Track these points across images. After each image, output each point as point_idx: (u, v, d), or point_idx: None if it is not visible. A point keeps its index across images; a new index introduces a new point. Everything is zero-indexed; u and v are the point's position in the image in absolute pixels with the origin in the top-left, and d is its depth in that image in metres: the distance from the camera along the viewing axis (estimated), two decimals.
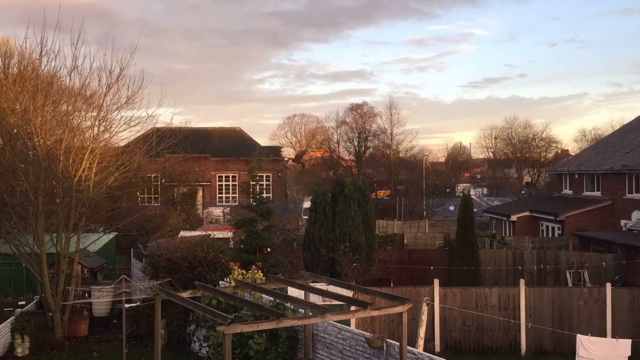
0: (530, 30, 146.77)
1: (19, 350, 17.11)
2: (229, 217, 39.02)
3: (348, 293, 14.57)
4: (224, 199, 49.91)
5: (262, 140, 75.11)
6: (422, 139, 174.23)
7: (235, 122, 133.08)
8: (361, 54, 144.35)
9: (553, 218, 33.89)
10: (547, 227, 35.20)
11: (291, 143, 77.32)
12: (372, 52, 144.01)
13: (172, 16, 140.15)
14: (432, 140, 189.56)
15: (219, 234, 26.13)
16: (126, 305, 15.39)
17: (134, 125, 19.47)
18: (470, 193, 47.57)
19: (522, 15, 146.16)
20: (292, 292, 15.10)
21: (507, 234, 36.20)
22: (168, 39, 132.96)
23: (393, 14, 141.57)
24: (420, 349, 13.59)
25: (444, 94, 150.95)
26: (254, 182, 21.88)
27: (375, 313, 12.00)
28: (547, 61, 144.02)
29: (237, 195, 49.07)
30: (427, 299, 15.63)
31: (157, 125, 21.37)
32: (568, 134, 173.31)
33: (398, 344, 11.52)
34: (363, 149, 62.53)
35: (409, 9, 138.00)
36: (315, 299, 13.97)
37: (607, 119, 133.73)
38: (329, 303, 14.10)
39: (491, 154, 72.14)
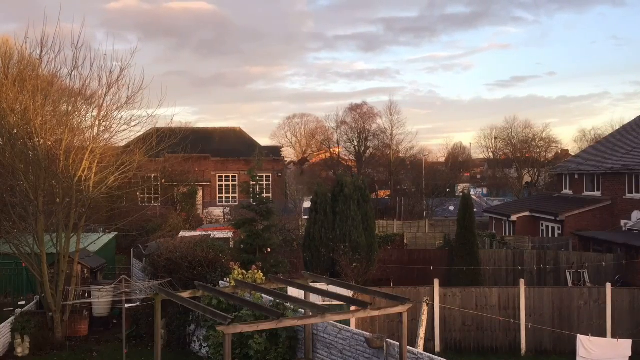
0: (570, 27, 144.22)
1: (19, 350, 17.11)
2: (229, 217, 39.02)
3: (348, 293, 14.57)
4: (224, 199, 49.90)
5: (263, 140, 75.41)
6: (433, 138, 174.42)
7: (249, 121, 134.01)
8: (390, 52, 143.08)
9: (553, 218, 33.89)
10: (547, 227, 35.20)
11: (291, 143, 77.31)
12: (401, 51, 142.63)
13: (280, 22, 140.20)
14: (440, 140, 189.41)
15: (219, 234, 26.14)
16: (126, 305, 15.39)
17: (134, 125, 19.49)
18: (470, 193, 47.51)
19: (562, 12, 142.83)
20: (292, 292, 15.10)
21: (507, 234, 36.20)
22: (268, 44, 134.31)
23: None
24: (420, 349, 13.59)
25: (466, 93, 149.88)
26: (254, 182, 21.88)
27: (375, 313, 12.00)
28: (581, 59, 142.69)
29: (237, 195, 49.07)
30: (427, 299, 15.62)
31: (160, 126, 21.39)
32: (568, 134, 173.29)
33: (398, 344, 11.52)
34: (363, 149, 62.56)
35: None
36: (315, 299, 13.97)
37: (607, 119, 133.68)
38: (329, 303, 14.11)
39: (491, 154, 72.11)
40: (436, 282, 17.93)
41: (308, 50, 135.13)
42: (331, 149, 66.46)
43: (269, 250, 20.46)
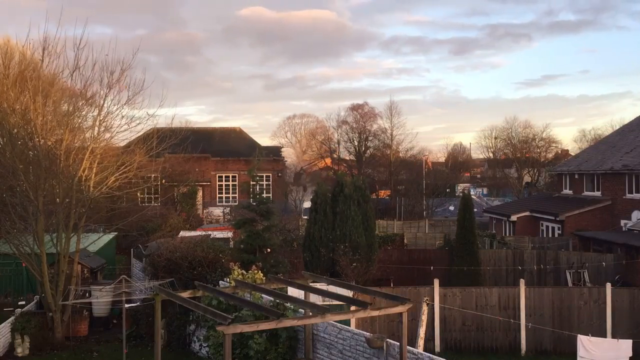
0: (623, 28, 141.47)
1: (19, 350, 17.12)
2: (229, 217, 39.01)
3: (348, 293, 14.57)
4: (224, 199, 49.90)
5: (263, 140, 75.47)
6: (442, 138, 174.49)
7: (265, 120, 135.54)
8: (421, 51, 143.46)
9: (553, 218, 33.89)
10: (547, 227, 35.20)
11: (291, 143, 77.28)
12: (433, 50, 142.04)
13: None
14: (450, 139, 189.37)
15: (219, 234, 26.14)
16: (126, 305, 15.39)
17: (135, 126, 19.51)
18: (470, 193, 47.50)
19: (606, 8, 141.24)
20: (292, 292, 15.10)
21: (507, 234, 36.19)
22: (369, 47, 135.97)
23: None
24: (420, 349, 13.59)
25: (487, 91, 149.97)
26: (254, 182, 21.88)
27: (375, 313, 12.00)
28: (618, 57, 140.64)
29: (237, 195, 49.08)
30: (427, 299, 15.62)
31: (159, 125, 21.40)
32: (568, 134, 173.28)
33: (398, 344, 11.52)
34: (363, 149, 62.53)
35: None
36: (315, 299, 13.97)
37: (607, 119, 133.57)
38: (329, 303, 14.10)
39: (491, 154, 72.10)
40: (436, 282, 17.93)
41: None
42: (331, 149, 66.40)
43: (269, 250, 20.46)
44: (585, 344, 14.44)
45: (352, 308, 12.61)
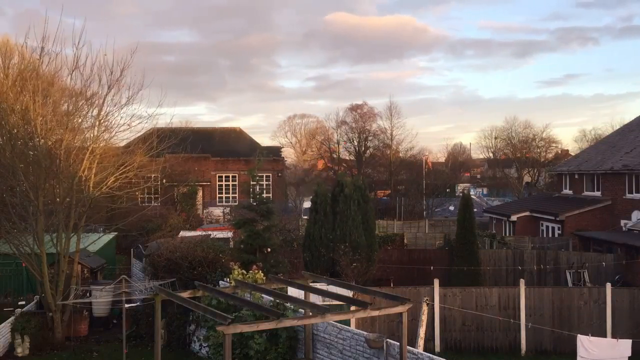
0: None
1: (19, 350, 17.12)
2: (229, 217, 39.00)
3: (348, 293, 14.58)
4: (224, 199, 49.90)
5: (263, 140, 75.62)
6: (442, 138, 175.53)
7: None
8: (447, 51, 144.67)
9: (553, 218, 33.88)
10: (547, 227, 35.19)
11: (291, 143, 77.30)
12: (495, 52, 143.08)
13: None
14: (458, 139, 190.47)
15: (219, 234, 26.12)
16: (126, 305, 15.38)
17: (135, 126, 19.49)
18: (470, 193, 47.49)
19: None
20: (292, 292, 15.10)
21: (507, 234, 36.18)
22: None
23: None
24: (420, 349, 13.59)
25: (506, 91, 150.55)
26: (254, 182, 21.88)
27: (375, 313, 12.00)
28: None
29: (237, 195, 49.07)
30: (427, 299, 15.62)
31: (159, 125, 21.40)
32: (568, 134, 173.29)
33: (398, 344, 11.52)
34: (363, 149, 62.52)
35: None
36: (315, 299, 13.97)
37: (607, 119, 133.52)
38: (329, 303, 14.10)
39: (491, 154, 72.12)
40: (436, 282, 17.92)
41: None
42: (331, 149, 66.38)
43: (269, 250, 20.45)
44: (585, 344, 14.44)
45: (352, 308, 12.62)
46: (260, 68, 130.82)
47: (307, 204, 36.94)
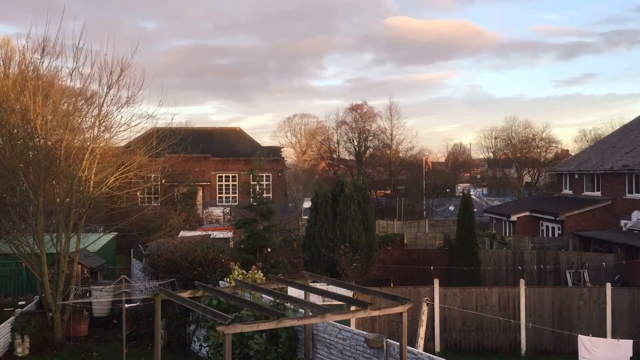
0: None
1: (19, 350, 17.12)
2: (229, 217, 39.01)
3: (348, 293, 14.57)
4: (224, 199, 49.89)
5: (263, 140, 75.71)
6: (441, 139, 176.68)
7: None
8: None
9: (553, 218, 33.88)
10: (547, 227, 35.19)
11: (291, 143, 77.34)
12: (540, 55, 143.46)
13: None
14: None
15: (219, 234, 26.12)
16: (126, 305, 15.38)
17: (135, 126, 19.49)
18: (470, 193, 47.50)
19: None
20: (292, 292, 15.10)
21: (507, 234, 36.18)
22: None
23: None
24: (420, 349, 13.59)
25: (512, 90, 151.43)
26: (254, 182, 21.87)
27: (375, 313, 12.00)
28: None
29: (237, 195, 49.06)
30: (427, 299, 15.62)
31: (159, 125, 21.39)
32: (568, 134, 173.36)
33: (398, 344, 11.52)
34: (363, 149, 62.52)
35: None
36: (315, 299, 13.97)
37: (607, 119, 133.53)
38: (329, 303, 14.10)
39: (491, 154, 72.13)
40: (436, 282, 17.92)
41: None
42: (331, 149, 66.38)
43: (269, 250, 20.45)
44: (586, 344, 14.44)
45: (352, 308, 12.61)
46: (306, 70, 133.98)
47: (307, 204, 36.95)
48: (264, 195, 22.79)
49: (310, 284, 14.25)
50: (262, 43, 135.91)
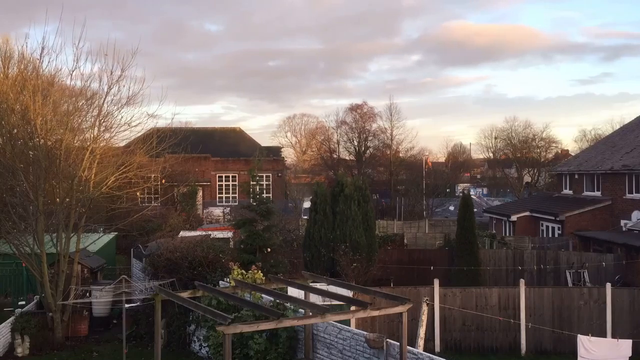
0: None
1: (19, 350, 17.11)
2: (229, 217, 38.99)
3: (348, 293, 14.57)
4: (224, 199, 49.90)
5: (263, 140, 75.74)
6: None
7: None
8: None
9: (553, 218, 33.88)
10: (547, 227, 35.19)
11: (291, 143, 77.35)
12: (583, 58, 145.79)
13: None
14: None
15: (219, 234, 26.11)
16: (126, 306, 15.38)
17: (135, 126, 19.48)
18: (470, 193, 47.52)
19: None
20: (292, 292, 15.09)
21: (507, 234, 36.19)
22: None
23: None
24: (420, 349, 13.59)
25: (524, 90, 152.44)
26: (254, 182, 21.88)
27: (375, 313, 12.00)
28: None
29: (237, 195, 49.07)
30: (427, 299, 15.62)
31: (162, 125, 21.41)
32: (568, 134, 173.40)
33: (398, 344, 11.52)
34: (363, 149, 62.51)
35: None
36: (315, 299, 13.97)
37: (607, 119, 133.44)
38: (329, 303, 14.09)
39: (491, 154, 72.11)
40: (436, 282, 17.92)
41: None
42: (331, 149, 66.37)
43: (269, 250, 20.46)
44: (586, 344, 14.43)
45: (352, 308, 12.62)
46: (349, 71, 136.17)
47: (307, 204, 36.94)
48: (264, 195, 22.79)
49: (310, 284, 14.25)
50: (320, 46, 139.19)
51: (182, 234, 25.48)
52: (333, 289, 14.27)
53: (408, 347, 11.42)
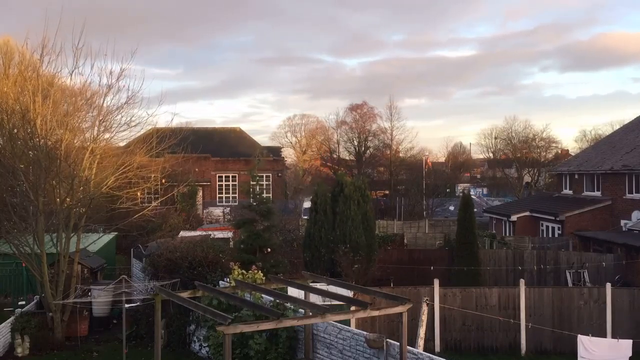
0: None
1: (19, 350, 17.12)
2: (229, 217, 39.00)
3: (348, 293, 14.58)
4: (224, 199, 49.90)
5: (263, 140, 75.75)
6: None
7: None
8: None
9: (553, 218, 33.88)
10: (547, 227, 35.19)
11: (291, 143, 77.33)
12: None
13: None
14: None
15: (219, 234, 26.13)
16: (126, 306, 15.39)
17: (134, 126, 19.49)
18: (470, 193, 47.50)
19: None
20: (292, 292, 15.11)
21: (507, 234, 36.18)
22: None
23: None
24: (420, 349, 13.58)
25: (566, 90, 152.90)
26: (254, 182, 21.88)
27: (375, 313, 12.00)
28: None
29: (237, 195, 49.06)
30: (427, 299, 15.62)
31: (163, 125, 21.41)
32: (568, 134, 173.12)
33: (398, 344, 11.52)
34: (363, 149, 62.50)
35: None
36: (315, 299, 13.97)
37: (607, 119, 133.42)
38: (329, 303, 14.10)
39: (491, 154, 72.09)
40: (436, 282, 17.91)
41: None
42: (331, 149, 66.40)
43: (269, 250, 20.46)
44: (586, 344, 14.43)
45: (352, 308, 12.62)
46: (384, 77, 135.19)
47: (307, 204, 36.93)
48: (264, 195, 22.80)
49: (310, 284, 14.25)
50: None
51: (182, 234, 25.51)
52: (333, 289, 14.27)
53: (408, 347, 11.43)
